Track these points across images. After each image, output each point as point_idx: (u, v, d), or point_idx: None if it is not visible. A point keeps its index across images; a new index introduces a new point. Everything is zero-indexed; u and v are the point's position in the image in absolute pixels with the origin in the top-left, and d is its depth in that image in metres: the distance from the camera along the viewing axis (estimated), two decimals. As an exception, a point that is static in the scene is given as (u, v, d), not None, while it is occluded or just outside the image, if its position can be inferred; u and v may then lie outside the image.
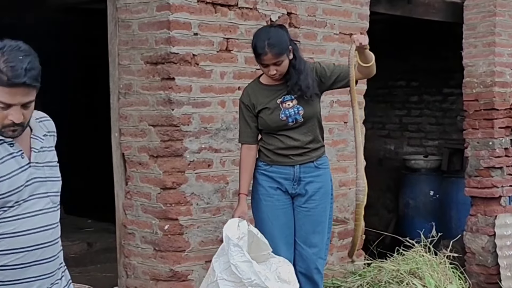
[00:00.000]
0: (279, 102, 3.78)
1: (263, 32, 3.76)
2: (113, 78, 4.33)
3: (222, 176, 4.24)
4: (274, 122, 3.75)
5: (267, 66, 3.71)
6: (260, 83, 3.86)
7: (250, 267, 3.42)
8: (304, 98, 3.73)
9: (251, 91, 3.84)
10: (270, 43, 3.66)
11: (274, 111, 3.77)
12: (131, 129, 4.23)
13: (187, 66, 4.05)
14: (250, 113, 3.82)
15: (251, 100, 3.81)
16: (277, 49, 3.66)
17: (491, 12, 5.99)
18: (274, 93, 3.80)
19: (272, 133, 3.80)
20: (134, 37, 4.16)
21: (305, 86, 3.70)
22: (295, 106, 3.76)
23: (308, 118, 3.77)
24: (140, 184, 4.20)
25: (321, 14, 4.69)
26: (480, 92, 6.10)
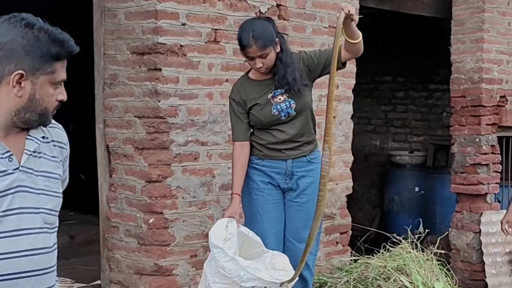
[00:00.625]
0: (270, 97, 3.71)
1: (247, 24, 3.69)
2: (98, 68, 4.25)
3: (208, 170, 4.18)
4: (266, 117, 3.70)
5: (252, 59, 3.65)
6: (249, 78, 3.80)
7: (236, 264, 3.36)
8: (292, 91, 3.66)
9: (241, 87, 3.78)
10: (255, 35, 3.59)
11: (265, 107, 3.70)
12: (116, 120, 4.16)
13: (174, 57, 3.98)
14: (241, 109, 3.75)
15: (242, 97, 3.75)
16: (262, 41, 3.60)
17: (480, 8, 5.97)
18: (264, 88, 3.73)
19: (264, 128, 3.73)
20: (121, 26, 4.08)
21: (292, 79, 3.63)
22: (287, 100, 3.70)
23: (300, 111, 3.71)
24: (124, 176, 4.13)
25: (311, 7, 4.63)
26: (467, 88, 6.08)
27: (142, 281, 4.05)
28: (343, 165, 4.94)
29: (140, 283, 4.06)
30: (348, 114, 4.97)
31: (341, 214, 4.94)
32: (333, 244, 4.89)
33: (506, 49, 6.16)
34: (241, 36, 3.62)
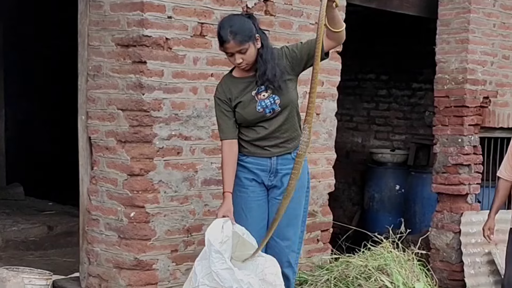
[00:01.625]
0: (254, 94, 3.68)
1: (226, 20, 3.68)
2: (82, 59, 4.20)
3: (191, 164, 4.14)
4: (251, 114, 3.67)
5: (232, 55, 3.62)
6: (232, 76, 3.77)
7: (232, 274, 3.35)
8: (272, 87, 3.64)
9: (225, 85, 3.75)
10: (233, 31, 3.57)
11: (250, 104, 3.68)
12: (98, 112, 4.11)
13: (159, 50, 3.94)
14: (228, 107, 3.72)
15: (227, 95, 3.72)
16: (240, 36, 3.57)
17: (466, 8, 5.98)
18: (248, 85, 3.70)
19: (249, 128, 3.71)
20: (106, 17, 4.03)
21: (272, 75, 3.61)
22: (271, 96, 3.67)
23: (285, 107, 3.69)
24: (106, 169, 4.09)
25: (298, 3, 4.61)
26: (451, 88, 6.09)
27: (122, 275, 4.01)
28: (325, 162, 4.93)
29: (119, 277, 4.02)
30: (332, 112, 4.96)
31: (322, 212, 4.92)
32: (314, 241, 4.88)
33: (490, 51, 6.19)
34: (219, 32, 3.61)
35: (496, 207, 4.62)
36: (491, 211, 4.64)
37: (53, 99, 8.02)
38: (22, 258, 5.26)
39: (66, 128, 5.93)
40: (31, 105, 8.00)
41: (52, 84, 8.06)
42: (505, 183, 4.55)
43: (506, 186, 4.55)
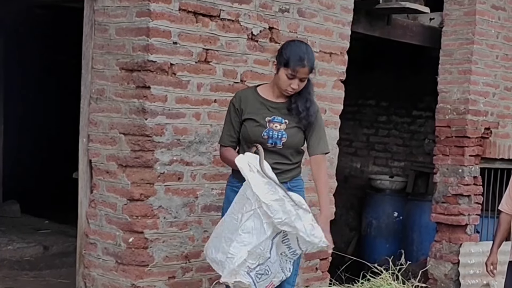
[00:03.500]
0: (267, 120, 3.67)
1: (301, 44, 3.70)
2: (85, 82, 4.18)
3: (191, 190, 4.12)
4: (255, 136, 3.65)
5: (292, 79, 3.61)
6: (257, 93, 3.75)
7: (282, 205, 3.38)
8: (296, 125, 3.66)
9: (244, 97, 3.74)
10: (310, 58, 3.61)
11: (259, 126, 3.66)
12: (100, 135, 4.08)
13: (163, 75, 3.92)
14: (237, 117, 3.72)
15: (241, 105, 3.71)
16: (312, 64, 3.62)
17: (469, 39, 6.01)
18: (267, 109, 3.69)
19: (248, 145, 3.68)
20: (111, 41, 4.02)
21: (313, 112, 3.67)
22: (281, 131, 3.66)
23: (287, 147, 3.68)
24: (106, 193, 4.06)
25: (303, 31, 4.60)
26: (452, 118, 6.10)
27: (118, 301, 3.97)
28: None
29: (115, 302, 3.98)
30: (334, 140, 4.94)
31: (322, 240, 4.87)
32: (312, 270, 4.84)
33: (493, 82, 6.21)
34: (296, 54, 3.58)
35: (498, 241, 4.58)
36: (494, 246, 4.60)
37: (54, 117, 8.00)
38: (17, 278, 5.20)
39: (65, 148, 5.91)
40: (31, 124, 7.97)
41: (53, 102, 8.04)
42: (506, 216, 4.53)
43: (508, 220, 4.52)
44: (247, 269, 3.43)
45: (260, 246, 3.41)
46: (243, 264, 3.41)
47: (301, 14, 4.58)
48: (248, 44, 4.31)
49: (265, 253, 3.43)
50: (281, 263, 3.58)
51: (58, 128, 7.71)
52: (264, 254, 3.43)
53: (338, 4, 4.81)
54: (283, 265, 3.60)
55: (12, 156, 7.31)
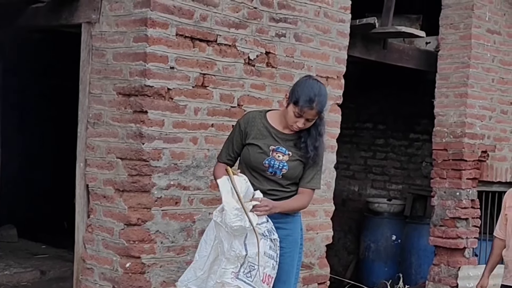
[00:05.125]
0: (271, 148, 3.67)
1: (315, 85, 3.65)
2: (83, 107, 4.19)
3: (189, 215, 4.11)
4: (256, 161, 3.65)
5: (299, 117, 3.60)
6: (266, 119, 3.74)
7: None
8: (299, 158, 3.66)
9: (252, 119, 3.73)
10: (320, 101, 3.59)
11: (262, 153, 3.66)
12: (97, 160, 4.09)
13: (160, 100, 3.93)
14: (240, 138, 3.72)
15: (247, 128, 3.71)
16: (321, 107, 3.60)
17: (465, 63, 6.04)
18: (272, 138, 3.69)
19: (248, 169, 3.68)
20: (108, 66, 4.04)
21: (322, 152, 3.69)
22: (282, 162, 3.66)
23: (286, 178, 3.68)
24: (103, 218, 4.05)
25: (299, 56, 4.63)
26: (449, 142, 6.11)
27: (115, 326, 3.95)
28: (324, 214, 4.90)
29: (112, 328, 3.96)
30: (331, 163, 4.95)
31: (319, 264, 4.88)
32: (310, 294, 4.82)
33: (489, 105, 6.23)
34: (306, 95, 3.56)
35: (490, 266, 4.58)
36: (486, 270, 4.60)
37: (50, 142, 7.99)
38: (14, 304, 5.18)
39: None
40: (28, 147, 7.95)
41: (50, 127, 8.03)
42: (499, 242, 4.52)
43: (501, 245, 4.51)
44: (233, 275, 3.43)
45: (232, 249, 3.42)
46: (224, 274, 3.43)
47: (298, 38, 4.61)
48: (245, 69, 4.33)
49: (241, 252, 3.43)
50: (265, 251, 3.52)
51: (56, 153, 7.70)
52: (240, 253, 3.43)
53: (334, 29, 4.84)
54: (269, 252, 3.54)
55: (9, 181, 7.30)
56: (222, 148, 3.82)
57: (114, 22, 4.01)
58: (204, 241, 3.59)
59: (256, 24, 4.36)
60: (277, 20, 4.48)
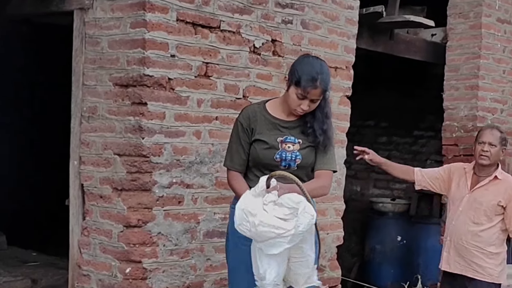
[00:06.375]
0: (279, 140, 3.35)
1: (316, 62, 3.34)
2: (76, 100, 3.90)
3: (193, 215, 3.82)
4: (266, 159, 3.33)
5: (303, 99, 3.28)
6: (266, 110, 3.42)
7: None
8: (310, 144, 3.35)
9: (253, 114, 3.39)
10: (323, 78, 3.26)
11: (270, 148, 3.34)
12: (93, 157, 3.79)
13: (161, 90, 3.64)
14: (246, 138, 3.37)
15: (251, 125, 3.37)
16: (325, 85, 3.27)
17: (475, 54, 5.78)
18: (278, 129, 3.37)
19: (258, 168, 3.37)
20: (103, 55, 3.74)
21: (331, 134, 3.37)
22: (294, 152, 3.34)
23: (301, 168, 3.36)
24: (100, 219, 3.75)
25: (307, 44, 4.34)
26: (460, 136, 5.85)
27: (115, 337, 3.64)
28: (334, 213, 4.62)
29: None
30: (342, 159, 4.69)
31: (331, 266, 4.59)
32: (321, 298, 4.52)
33: (500, 97, 5.97)
34: (308, 74, 3.24)
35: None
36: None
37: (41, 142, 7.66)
38: (4, 314, 4.86)
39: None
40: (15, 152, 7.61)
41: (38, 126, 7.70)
42: None
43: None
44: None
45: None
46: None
47: (305, 25, 4.32)
48: (250, 57, 4.04)
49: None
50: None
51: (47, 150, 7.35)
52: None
53: (343, 16, 4.56)
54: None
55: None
56: (230, 154, 3.41)
57: (109, 7, 3.72)
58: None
59: (261, 9, 4.07)
60: (283, 5, 4.19)
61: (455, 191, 4.42)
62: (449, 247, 4.40)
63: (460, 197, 4.37)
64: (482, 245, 4.30)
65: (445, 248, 4.44)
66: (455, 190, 4.42)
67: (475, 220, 4.31)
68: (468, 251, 4.31)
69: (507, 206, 4.26)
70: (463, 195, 4.36)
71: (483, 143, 4.30)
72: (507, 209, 4.27)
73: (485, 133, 4.36)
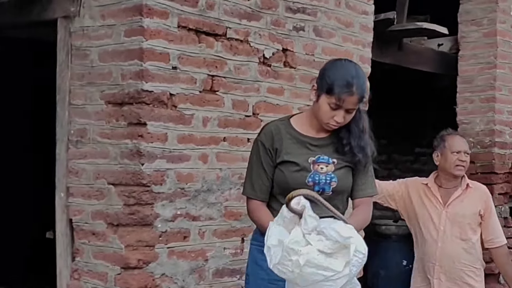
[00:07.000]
0: (311, 161, 2.85)
1: (350, 65, 2.86)
2: (62, 122, 3.39)
3: (200, 251, 3.33)
4: (297, 183, 2.79)
5: (337, 109, 2.79)
6: (291, 126, 2.92)
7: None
8: (346, 164, 2.85)
9: (276, 132, 2.89)
10: (360, 84, 2.77)
11: (301, 171, 2.84)
12: (83, 188, 3.28)
13: (162, 108, 3.15)
14: (270, 160, 2.86)
15: (274, 144, 2.86)
16: (362, 92, 2.78)
17: (491, 63, 5.38)
18: (308, 148, 2.87)
19: (285, 195, 2.84)
20: (93, 69, 3.25)
21: (370, 153, 2.90)
22: (329, 174, 2.84)
23: (337, 193, 2.85)
24: (93, 260, 3.25)
25: (320, 54, 3.88)
26: (477, 152, 5.42)
27: None
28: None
29: None
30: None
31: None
32: None
33: (516, 110, 5.55)
34: (346, 79, 2.76)
35: None
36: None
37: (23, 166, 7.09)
38: None
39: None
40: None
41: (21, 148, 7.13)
42: None
43: None
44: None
45: None
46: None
47: (318, 33, 3.87)
48: (260, 69, 3.57)
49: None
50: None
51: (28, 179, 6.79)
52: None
53: (357, 22, 4.12)
54: None
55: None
56: (251, 180, 2.90)
57: (99, 13, 3.24)
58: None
59: (271, 15, 3.61)
60: (295, 10, 3.74)
61: (421, 210, 4.04)
62: (439, 272, 4.04)
63: (437, 215, 3.99)
64: (471, 263, 4.03)
65: (434, 274, 4.05)
66: (420, 208, 4.05)
67: (463, 236, 3.99)
68: (461, 273, 4.00)
69: (484, 214, 4.01)
70: (439, 212, 3.98)
71: (459, 153, 3.99)
72: (484, 218, 4.00)
73: (457, 141, 4.08)
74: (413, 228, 4.19)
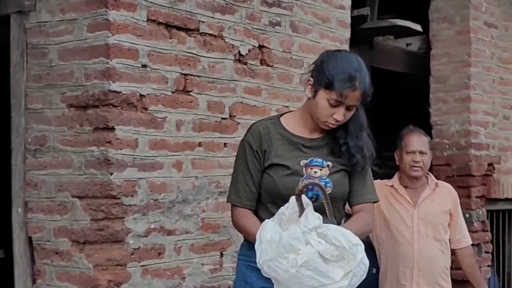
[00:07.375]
0: (303, 164, 2.56)
1: (351, 58, 2.57)
2: (17, 129, 3.06)
3: (176, 269, 3.03)
4: (287, 188, 2.50)
5: (337, 106, 2.51)
6: (282, 126, 2.63)
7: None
8: (342, 167, 2.56)
9: (265, 132, 2.59)
10: (363, 77, 2.49)
11: (292, 175, 2.54)
12: (43, 202, 2.95)
13: (131, 111, 2.84)
14: (257, 163, 2.56)
15: (262, 145, 2.57)
16: (365, 86, 2.50)
17: (465, 62, 5.19)
18: (300, 149, 2.58)
19: (274, 202, 2.56)
20: (52, 69, 2.92)
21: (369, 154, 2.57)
22: (323, 179, 2.54)
23: (333, 200, 2.49)
24: (56, 283, 2.91)
25: (297, 51, 3.63)
26: (452, 155, 5.24)
27: None
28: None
29: None
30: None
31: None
32: None
33: (491, 110, 5.41)
34: (348, 72, 2.48)
35: None
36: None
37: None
38: None
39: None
40: None
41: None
42: None
43: None
44: None
45: None
46: None
47: (295, 28, 3.61)
48: (236, 67, 3.29)
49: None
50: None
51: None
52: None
53: (334, 17, 3.88)
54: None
55: None
56: (235, 186, 2.60)
57: (57, 7, 2.92)
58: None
59: (245, 8, 3.34)
60: (270, 4, 3.47)
61: (390, 213, 3.78)
62: (418, 276, 3.78)
63: (408, 216, 3.76)
64: (445, 264, 3.83)
65: (412, 279, 3.78)
66: (389, 211, 3.79)
67: (437, 236, 3.78)
68: (437, 275, 3.78)
69: (453, 214, 3.83)
70: (410, 213, 3.76)
71: (413, 153, 3.74)
72: (453, 217, 3.82)
73: (412, 140, 3.78)
74: (381, 234, 3.88)
